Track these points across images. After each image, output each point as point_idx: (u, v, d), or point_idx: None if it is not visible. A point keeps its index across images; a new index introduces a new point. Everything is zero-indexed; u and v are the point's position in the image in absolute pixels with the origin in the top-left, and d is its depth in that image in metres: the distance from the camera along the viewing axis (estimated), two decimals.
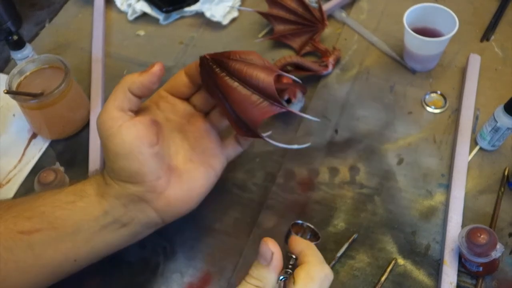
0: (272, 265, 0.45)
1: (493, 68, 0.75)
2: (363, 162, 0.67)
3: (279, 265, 0.45)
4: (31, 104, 0.66)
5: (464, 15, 0.79)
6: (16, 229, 0.49)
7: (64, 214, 0.50)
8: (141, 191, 0.49)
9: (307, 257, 0.46)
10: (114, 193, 0.50)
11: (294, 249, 0.48)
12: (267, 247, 0.45)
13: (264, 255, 0.45)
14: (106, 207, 0.50)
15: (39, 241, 0.49)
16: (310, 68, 0.74)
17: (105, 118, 0.48)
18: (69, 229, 0.49)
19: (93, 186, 0.51)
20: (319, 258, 0.47)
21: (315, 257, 0.46)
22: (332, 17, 0.84)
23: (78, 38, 0.86)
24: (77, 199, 0.51)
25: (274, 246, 0.45)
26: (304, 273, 0.44)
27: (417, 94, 0.73)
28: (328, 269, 0.46)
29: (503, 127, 0.61)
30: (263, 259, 0.45)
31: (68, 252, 0.50)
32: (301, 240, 0.49)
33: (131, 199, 0.50)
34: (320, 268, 0.45)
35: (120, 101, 0.49)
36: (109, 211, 0.50)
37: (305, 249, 0.47)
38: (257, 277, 0.45)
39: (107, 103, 0.49)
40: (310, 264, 0.45)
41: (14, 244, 0.48)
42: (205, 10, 0.85)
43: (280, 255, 0.45)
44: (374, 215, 0.62)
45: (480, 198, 0.62)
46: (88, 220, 0.50)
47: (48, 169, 0.64)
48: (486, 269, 0.55)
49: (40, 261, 0.49)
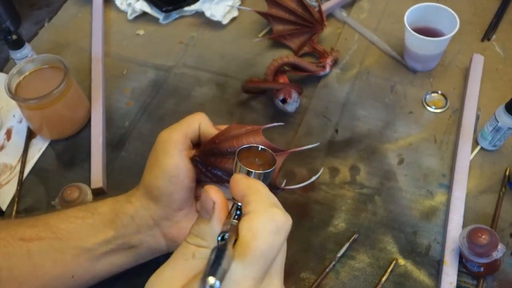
0: (215, 218, 0.36)
1: (494, 68, 0.74)
2: (364, 162, 0.67)
3: (223, 217, 0.37)
4: (30, 104, 0.66)
5: (465, 15, 0.79)
6: (17, 236, 0.48)
7: (70, 227, 0.49)
8: (160, 214, 0.50)
9: (250, 205, 0.35)
10: (132, 211, 0.50)
11: (235, 194, 0.38)
12: (207, 196, 0.37)
13: (204, 206, 0.37)
14: (119, 225, 0.50)
15: (38, 250, 0.48)
16: (307, 69, 0.73)
17: (172, 136, 0.49)
18: (73, 242, 0.49)
19: (107, 204, 0.52)
20: (266, 202, 0.36)
21: (260, 203, 0.35)
22: (332, 16, 0.84)
23: (77, 37, 0.86)
24: (87, 215, 0.50)
25: (216, 194, 0.37)
26: (246, 229, 0.34)
27: (417, 94, 0.73)
28: (279, 214, 0.35)
29: (504, 127, 0.61)
30: (204, 211, 0.37)
31: (67, 266, 0.49)
32: (242, 179, 0.39)
33: (146, 222, 0.50)
34: (267, 218, 0.34)
35: (190, 129, 0.50)
36: (121, 231, 0.50)
37: (247, 193, 0.37)
38: (199, 235, 0.37)
39: (179, 124, 0.50)
40: (253, 215, 0.35)
41: (12, 250, 0.47)
42: (205, 10, 0.85)
43: (223, 205, 0.37)
44: (374, 215, 0.62)
45: (481, 198, 0.62)
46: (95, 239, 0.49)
47: (72, 186, 0.62)
48: (487, 270, 0.55)
49: (36, 271, 0.48)
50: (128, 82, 0.79)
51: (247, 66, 0.79)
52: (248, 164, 0.41)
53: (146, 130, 0.73)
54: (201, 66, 0.80)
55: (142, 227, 0.50)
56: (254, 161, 0.43)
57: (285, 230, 0.35)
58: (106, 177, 0.68)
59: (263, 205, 0.35)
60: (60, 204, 0.61)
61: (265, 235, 0.34)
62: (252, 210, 0.35)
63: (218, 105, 0.75)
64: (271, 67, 0.72)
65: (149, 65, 0.81)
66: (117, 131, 0.73)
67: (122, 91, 0.78)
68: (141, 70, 0.81)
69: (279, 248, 0.35)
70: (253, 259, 0.33)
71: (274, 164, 0.42)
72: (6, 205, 0.66)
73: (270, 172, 0.41)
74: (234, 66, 0.79)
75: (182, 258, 0.36)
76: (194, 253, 0.36)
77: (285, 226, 0.35)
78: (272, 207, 0.35)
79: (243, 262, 0.33)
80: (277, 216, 0.35)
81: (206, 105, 0.75)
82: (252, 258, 0.33)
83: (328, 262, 0.58)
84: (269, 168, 0.42)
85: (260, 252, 0.33)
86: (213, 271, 0.30)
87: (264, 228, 0.34)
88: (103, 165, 0.68)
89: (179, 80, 0.79)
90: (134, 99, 0.77)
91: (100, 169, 0.68)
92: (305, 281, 0.58)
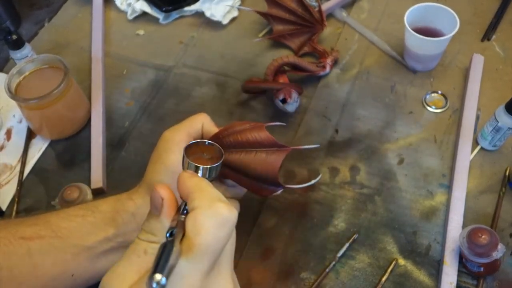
0: (163, 213, 0.38)
1: (494, 68, 0.74)
2: (364, 162, 0.67)
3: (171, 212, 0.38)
4: (30, 104, 0.66)
5: (465, 15, 0.79)
6: (17, 235, 0.48)
7: (70, 225, 0.49)
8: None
9: (194, 201, 0.37)
10: (133, 209, 0.50)
11: (181, 192, 0.39)
12: (156, 193, 0.38)
13: (153, 202, 0.38)
14: (120, 222, 0.50)
15: (39, 249, 0.48)
16: (307, 69, 0.73)
17: (175, 135, 0.50)
18: (73, 241, 0.49)
19: (108, 202, 0.52)
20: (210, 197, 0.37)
21: (203, 200, 0.36)
22: (332, 16, 0.84)
23: (77, 37, 0.86)
24: (88, 213, 0.50)
25: (164, 191, 0.38)
26: (191, 225, 0.35)
27: (417, 94, 0.73)
28: (223, 208, 0.36)
29: (504, 127, 0.61)
30: (153, 207, 0.38)
31: (67, 265, 0.49)
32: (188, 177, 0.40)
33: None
34: (210, 213, 0.35)
35: (193, 129, 0.51)
36: (122, 228, 0.50)
37: (192, 190, 0.38)
38: (149, 231, 0.38)
39: (182, 125, 0.51)
40: (197, 211, 0.36)
41: (12, 249, 0.47)
42: (205, 10, 0.85)
43: (171, 201, 0.38)
44: (374, 215, 0.62)
45: (481, 198, 0.62)
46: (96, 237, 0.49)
47: (72, 186, 0.62)
48: (487, 270, 0.55)
49: (36, 271, 0.48)
50: (128, 82, 0.79)
51: (247, 66, 0.79)
52: (196, 159, 0.43)
53: (146, 130, 0.73)
54: (201, 66, 0.80)
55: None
56: (202, 156, 0.45)
57: (230, 222, 0.36)
58: (106, 177, 0.68)
59: (207, 201, 0.36)
60: (60, 204, 0.61)
61: (209, 230, 0.35)
62: (196, 206, 0.36)
63: (218, 105, 0.75)
64: (271, 67, 0.72)
65: (149, 65, 0.81)
66: (117, 131, 0.73)
67: (122, 91, 0.78)
68: (141, 70, 0.81)
69: (225, 240, 0.36)
70: (198, 254, 0.34)
71: (221, 157, 0.45)
72: (6, 205, 0.66)
73: (217, 166, 0.43)
74: (234, 66, 0.79)
75: (134, 254, 0.37)
76: (146, 249, 0.37)
77: (229, 218, 0.36)
78: (215, 202, 0.36)
79: (189, 258, 0.34)
80: (221, 209, 0.36)
81: (206, 105, 0.75)
82: (197, 253, 0.34)
83: (328, 262, 0.58)
84: (216, 162, 0.44)
85: (205, 246, 0.34)
86: (160, 268, 0.31)
87: (207, 223, 0.35)
88: (103, 165, 0.68)
89: (179, 80, 0.79)
90: (134, 99, 0.77)
91: (100, 169, 0.68)
92: (305, 281, 0.58)
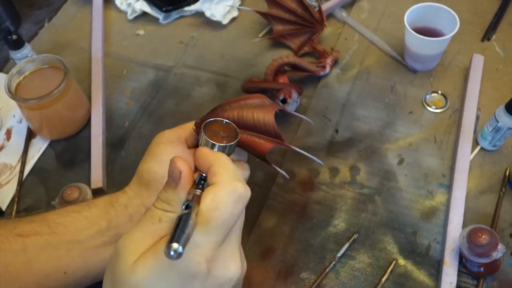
0: (181, 185, 0.40)
1: (494, 68, 0.74)
2: (364, 162, 0.67)
3: (188, 185, 0.40)
4: (30, 104, 0.66)
5: (465, 15, 0.79)
6: (15, 232, 0.48)
7: (67, 221, 0.50)
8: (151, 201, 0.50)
9: (216, 176, 0.39)
10: (125, 200, 0.51)
11: (201, 165, 0.41)
12: (174, 166, 0.40)
13: (171, 174, 0.40)
14: (112, 215, 0.50)
15: (34, 245, 0.48)
16: (307, 69, 0.73)
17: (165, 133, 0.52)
18: (68, 236, 0.49)
19: (104, 197, 0.53)
20: (230, 174, 0.39)
21: (224, 175, 0.39)
22: (332, 16, 0.84)
23: (77, 37, 0.86)
24: (84, 208, 0.51)
25: (182, 164, 0.40)
26: (209, 199, 0.37)
27: (417, 94, 0.73)
28: (242, 187, 0.38)
29: (504, 127, 0.61)
30: (171, 179, 0.40)
31: (60, 262, 0.49)
32: (208, 152, 0.42)
33: (138, 210, 0.51)
34: (230, 190, 0.38)
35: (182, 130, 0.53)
36: (114, 221, 0.50)
37: (213, 164, 0.40)
38: (165, 200, 0.40)
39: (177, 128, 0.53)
40: (217, 187, 0.38)
41: (8, 246, 0.48)
42: (205, 10, 0.85)
43: (189, 174, 0.40)
44: (374, 215, 0.62)
45: (481, 198, 0.62)
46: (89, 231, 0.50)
47: (72, 186, 0.62)
48: (487, 270, 0.55)
49: (30, 267, 0.48)
50: (128, 82, 0.79)
51: (247, 66, 0.79)
52: (213, 136, 0.45)
53: (146, 130, 0.73)
54: (201, 66, 0.80)
55: (134, 216, 0.51)
56: (219, 134, 0.47)
57: (245, 200, 0.39)
58: (106, 177, 0.68)
59: (228, 178, 0.39)
60: (60, 204, 0.61)
61: (227, 206, 0.37)
62: (217, 181, 0.38)
63: None
64: (271, 67, 0.72)
65: (149, 65, 0.81)
66: (117, 131, 0.73)
67: (122, 91, 0.78)
68: (141, 70, 0.81)
69: (238, 216, 0.39)
70: (214, 227, 0.36)
71: (236, 137, 0.47)
72: (6, 205, 0.66)
73: (233, 144, 0.45)
74: (234, 66, 0.79)
75: (149, 221, 0.39)
76: (161, 217, 0.39)
77: (245, 197, 0.39)
78: (235, 180, 0.39)
79: (205, 229, 0.36)
80: (239, 188, 0.38)
81: (206, 105, 0.75)
82: (213, 225, 0.36)
83: (328, 262, 0.58)
84: (232, 141, 0.46)
85: (221, 220, 0.37)
86: (177, 237, 0.34)
87: (226, 199, 0.37)
88: (103, 165, 0.68)
89: (179, 80, 0.79)
90: (134, 99, 0.77)
91: (100, 169, 0.68)
92: (305, 281, 0.58)
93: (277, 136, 0.51)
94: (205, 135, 0.44)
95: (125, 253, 0.38)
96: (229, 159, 0.41)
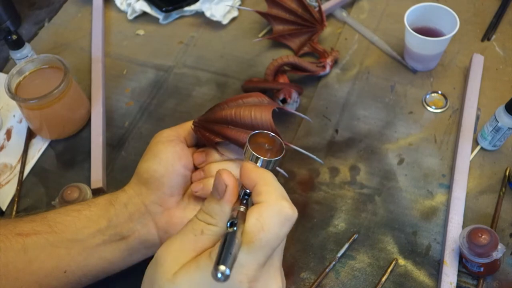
0: (225, 199, 0.38)
1: (494, 68, 0.74)
2: (364, 162, 0.67)
3: (233, 199, 0.39)
4: (30, 104, 0.66)
5: (465, 15, 0.79)
6: (15, 231, 0.48)
7: (67, 220, 0.50)
8: (151, 199, 0.51)
9: (261, 195, 0.37)
10: (125, 199, 0.52)
11: (246, 182, 0.39)
12: (220, 179, 0.39)
13: (217, 187, 0.39)
14: (112, 214, 0.51)
15: (34, 244, 0.48)
16: (307, 69, 0.73)
17: (164, 132, 0.53)
18: (68, 235, 0.49)
19: (105, 196, 0.53)
20: (277, 194, 0.38)
21: (271, 195, 0.37)
22: (332, 16, 0.84)
23: (77, 37, 0.86)
24: (84, 208, 0.52)
25: (229, 178, 0.39)
26: (255, 219, 0.36)
27: (417, 94, 0.73)
28: (288, 208, 0.37)
29: (504, 127, 0.61)
30: (215, 191, 0.39)
31: (61, 261, 0.49)
32: (253, 169, 0.40)
33: (138, 208, 0.51)
34: (276, 211, 0.36)
35: (182, 129, 0.54)
36: (113, 220, 0.50)
37: (259, 182, 0.38)
38: (209, 213, 0.39)
39: (176, 127, 0.54)
40: (264, 206, 0.37)
41: (9, 245, 0.48)
42: (205, 10, 0.85)
43: (235, 189, 0.39)
44: (374, 215, 0.62)
45: (481, 198, 0.62)
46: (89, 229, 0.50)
47: (72, 186, 0.62)
48: (487, 270, 0.55)
49: (30, 266, 0.48)
50: (128, 82, 0.79)
51: (247, 66, 0.79)
52: (257, 148, 0.43)
53: (146, 130, 0.73)
54: (201, 66, 0.80)
55: (134, 215, 0.51)
56: (263, 146, 0.45)
57: (291, 222, 0.37)
58: (106, 177, 0.68)
59: (274, 197, 0.37)
60: (60, 204, 0.61)
61: (273, 227, 0.36)
62: (263, 200, 0.37)
63: None
64: (271, 67, 0.72)
65: (149, 65, 0.81)
66: (117, 131, 0.73)
67: (122, 91, 0.78)
68: (141, 70, 0.81)
69: (284, 237, 0.37)
70: (259, 248, 0.36)
71: (282, 151, 0.44)
72: (6, 205, 0.66)
73: (278, 159, 0.43)
74: (234, 66, 0.79)
75: (191, 233, 0.39)
76: (203, 230, 0.38)
77: (292, 218, 0.37)
78: (281, 200, 0.37)
79: (249, 250, 0.35)
80: (285, 209, 0.37)
81: (206, 105, 0.75)
82: (258, 246, 0.35)
83: (328, 262, 0.58)
84: (277, 154, 0.43)
85: (266, 242, 0.36)
86: (224, 259, 0.33)
87: (272, 220, 0.36)
88: (103, 165, 0.68)
89: (179, 80, 0.79)
90: (134, 99, 0.77)
91: (100, 169, 0.68)
92: (305, 281, 0.58)
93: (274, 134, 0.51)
94: (249, 147, 0.42)
95: (165, 263, 0.37)
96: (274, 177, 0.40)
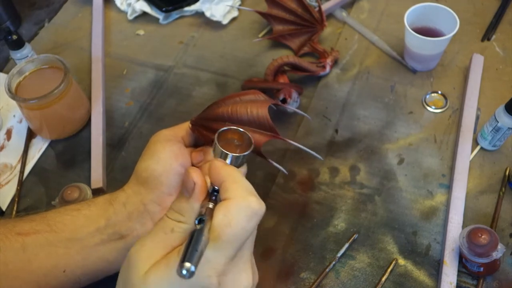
0: (194, 197, 0.39)
1: (494, 68, 0.74)
2: (364, 162, 0.67)
3: (202, 197, 0.40)
4: (30, 104, 0.66)
5: (465, 15, 0.79)
6: (14, 230, 0.49)
7: (66, 219, 0.50)
8: (149, 198, 0.51)
9: (228, 192, 0.38)
10: (124, 198, 0.52)
11: (214, 179, 0.40)
12: (188, 177, 0.39)
13: (185, 185, 0.40)
14: (111, 213, 0.51)
15: (33, 243, 0.48)
16: (307, 69, 0.73)
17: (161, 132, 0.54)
18: (67, 234, 0.49)
19: (104, 196, 0.53)
20: (243, 189, 0.38)
21: (238, 191, 0.38)
22: (332, 16, 0.84)
23: (77, 37, 0.86)
24: (83, 207, 0.52)
25: (197, 176, 0.39)
26: (222, 214, 0.36)
27: (417, 94, 0.73)
28: (255, 202, 0.37)
29: (504, 127, 0.61)
30: (184, 189, 0.40)
31: (60, 260, 0.49)
32: (222, 166, 0.40)
33: (136, 208, 0.51)
34: (243, 205, 0.37)
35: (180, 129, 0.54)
36: (112, 219, 0.51)
37: (226, 180, 0.39)
38: (179, 211, 0.40)
39: (174, 127, 0.55)
40: (230, 202, 0.37)
41: (8, 244, 0.48)
42: (205, 10, 0.85)
43: (203, 186, 0.40)
44: (374, 215, 0.62)
45: (481, 198, 0.62)
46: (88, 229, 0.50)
47: (72, 186, 0.62)
48: (487, 270, 0.55)
49: (29, 266, 0.48)
50: (128, 82, 0.79)
51: (247, 66, 0.79)
52: (226, 145, 0.44)
53: (146, 130, 0.73)
54: (201, 66, 0.80)
55: (132, 214, 0.51)
56: (233, 142, 0.46)
57: (259, 216, 0.38)
58: (106, 177, 0.68)
59: (241, 193, 0.38)
60: (60, 204, 0.61)
61: (240, 221, 0.37)
62: (230, 196, 0.38)
63: None
64: (271, 67, 0.72)
65: (149, 65, 0.81)
66: (117, 131, 0.73)
67: (122, 91, 0.78)
68: (141, 70, 0.81)
69: (251, 231, 0.38)
70: (226, 243, 0.36)
71: (251, 146, 0.45)
72: (6, 205, 0.66)
73: (246, 154, 0.44)
74: (234, 66, 0.79)
75: (162, 231, 0.39)
76: (173, 228, 0.39)
77: (259, 212, 0.38)
78: (248, 195, 0.38)
79: (217, 245, 0.36)
80: (252, 204, 0.37)
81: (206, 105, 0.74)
82: (225, 241, 0.36)
83: (328, 262, 0.58)
84: (246, 150, 0.45)
85: (233, 236, 0.36)
86: (189, 256, 0.34)
87: (239, 215, 0.37)
88: (103, 165, 0.68)
89: (179, 80, 0.79)
90: (134, 99, 0.77)
91: (100, 169, 0.68)
92: (305, 281, 0.58)
93: (271, 129, 0.51)
94: (218, 144, 0.43)
95: (136, 263, 0.38)
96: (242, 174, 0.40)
